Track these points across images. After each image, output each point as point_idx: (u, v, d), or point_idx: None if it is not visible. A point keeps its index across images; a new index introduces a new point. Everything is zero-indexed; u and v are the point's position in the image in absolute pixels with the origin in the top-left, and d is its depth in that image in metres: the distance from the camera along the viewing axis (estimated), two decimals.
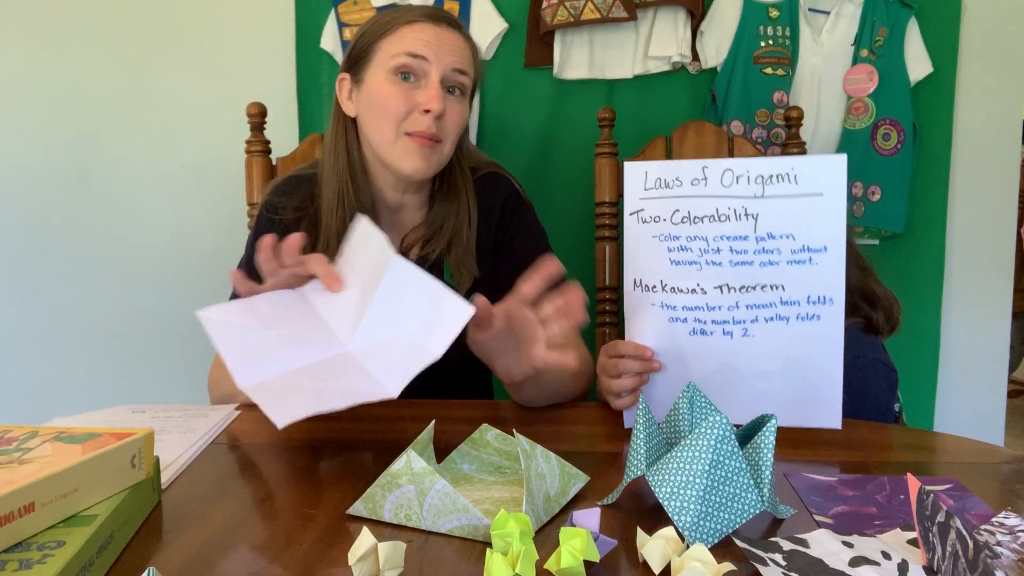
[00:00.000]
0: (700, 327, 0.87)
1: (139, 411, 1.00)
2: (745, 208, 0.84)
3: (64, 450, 0.63)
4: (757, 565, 0.57)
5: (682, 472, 0.64)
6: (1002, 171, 1.90)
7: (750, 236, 0.84)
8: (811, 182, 0.83)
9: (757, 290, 0.85)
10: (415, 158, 1.07)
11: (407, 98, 1.06)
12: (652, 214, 0.88)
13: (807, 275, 0.84)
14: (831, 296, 0.84)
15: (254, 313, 0.83)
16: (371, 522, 0.67)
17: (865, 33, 1.80)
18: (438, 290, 0.75)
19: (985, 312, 1.93)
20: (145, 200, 2.00)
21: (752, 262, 0.85)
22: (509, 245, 1.18)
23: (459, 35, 1.10)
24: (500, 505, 0.69)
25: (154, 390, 2.03)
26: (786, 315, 0.85)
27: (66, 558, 0.52)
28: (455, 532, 0.64)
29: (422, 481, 0.64)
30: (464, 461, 0.80)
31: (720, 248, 0.85)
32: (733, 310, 0.86)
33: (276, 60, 1.92)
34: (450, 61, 1.06)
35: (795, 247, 0.84)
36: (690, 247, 0.86)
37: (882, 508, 0.72)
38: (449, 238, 1.15)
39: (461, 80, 1.09)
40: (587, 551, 0.56)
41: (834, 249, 0.83)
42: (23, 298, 2.03)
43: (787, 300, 0.85)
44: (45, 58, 1.97)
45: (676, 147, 1.60)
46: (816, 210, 0.83)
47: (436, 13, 1.09)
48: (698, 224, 0.86)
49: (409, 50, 1.05)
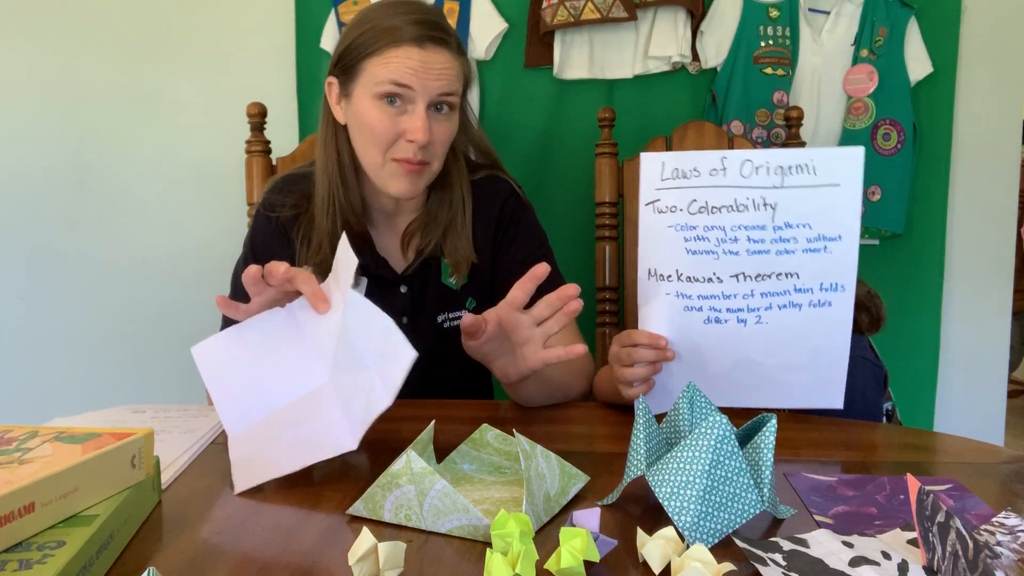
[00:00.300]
0: (715, 315, 0.90)
1: (139, 411, 1.00)
2: (764, 198, 0.86)
3: (64, 450, 0.63)
4: (757, 565, 0.57)
5: (682, 472, 0.64)
6: (1002, 171, 1.90)
7: (768, 225, 0.87)
8: (829, 173, 0.85)
9: (772, 278, 0.88)
10: (402, 181, 1.07)
11: (393, 124, 1.04)
12: (668, 204, 0.89)
13: (821, 263, 0.87)
14: (843, 283, 0.87)
15: (243, 344, 0.85)
16: (371, 522, 0.67)
17: (865, 33, 1.80)
18: (388, 329, 0.74)
19: (985, 312, 1.93)
20: (145, 200, 2.00)
21: (769, 251, 0.87)
22: (508, 247, 1.18)
23: (446, 52, 1.05)
24: (500, 505, 0.69)
25: (154, 390, 2.03)
26: (799, 302, 0.88)
27: (66, 558, 0.52)
28: (455, 532, 0.64)
29: (422, 481, 0.64)
30: (464, 461, 0.80)
31: (738, 237, 0.87)
32: (748, 298, 0.88)
33: (276, 60, 1.92)
34: (436, 87, 1.04)
35: (811, 236, 0.86)
36: (707, 236, 0.88)
37: (882, 508, 0.72)
38: (444, 227, 1.15)
39: (448, 100, 1.06)
40: (587, 551, 0.56)
41: (848, 238, 0.86)
42: (23, 298, 2.03)
43: (801, 288, 0.88)
44: (45, 59, 1.97)
45: (676, 147, 1.60)
46: (833, 200, 0.85)
47: (422, 33, 1.04)
48: (716, 214, 0.88)
49: (394, 78, 1.03)
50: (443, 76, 1.05)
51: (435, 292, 1.17)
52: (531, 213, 1.22)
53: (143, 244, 2.02)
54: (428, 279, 1.17)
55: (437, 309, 1.18)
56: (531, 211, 1.22)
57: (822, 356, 0.90)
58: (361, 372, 0.77)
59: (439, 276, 1.17)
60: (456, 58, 1.07)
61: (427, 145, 1.05)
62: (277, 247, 1.14)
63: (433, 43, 1.04)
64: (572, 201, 1.86)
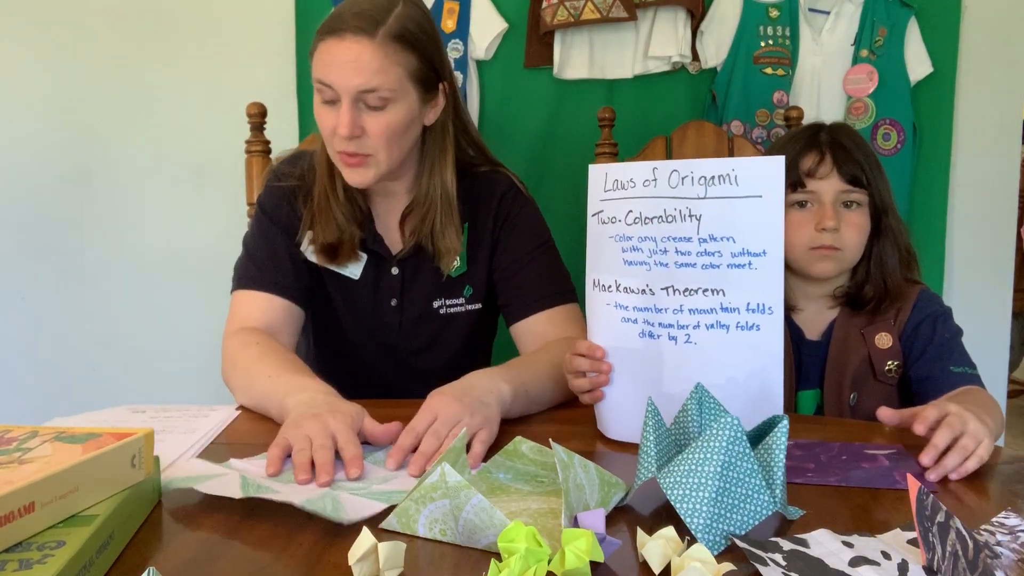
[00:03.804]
0: (649, 329, 0.87)
1: (139, 411, 1.00)
2: (689, 209, 0.84)
3: (64, 450, 0.63)
4: (757, 565, 0.57)
5: (694, 474, 0.63)
6: (1002, 171, 1.90)
7: (693, 237, 0.84)
8: (751, 184, 0.82)
9: (699, 294, 0.84)
10: (349, 173, 1.08)
11: (328, 120, 1.05)
12: (610, 215, 0.88)
13: (747, 280, 0.83)
14: (770, 305, 0.83)
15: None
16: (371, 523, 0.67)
17: (865, 33, 1.80)
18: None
19: (985, 312, 1.93)
20: (145, 200, 2.00)
21: (695, 264, 0.84)
22: (507, 240, 1.18)
23: (368, 43, 1.00)
24: (537, 517, 0.66)
25: (154, 390, 2.03)
26: (726, 323, 0.84)
27: (66, 558, 0.52)
28: (492, 549, 0.61)
29: (457, 495, 0.62)
30: (499, 470, 0.78)
31: (667, 249, 0.85)
32: (678, 314, 0.85)
33: (276, 60, 1.92)
34: (355, 84, 1.01)
35: (735, 250, 0.83)
36: (641, 247, 0.86)
37: (820, 465, 0.81)
38: (424, 214, 1.14)
39: (377, 96, 1.03)
40: (592, 552, 0.55)
41: (772, 253, 0.82)
42: (23, 298, 2.03)
43: (727, 306, 0.84)
44: (45, 58, 1.97)
45: (676, 147, 1.60)
46: (755, 212, 0.82)
47: (343, 24, 1.01)
48: (648, 224, 0.86)
49: (317, 76, 1.04)
50: (362, 71, 1.01)
51: (429, 277, 1.18)
52: (531, 207, 1.22)
53: (143, 244, 2.02)
54: (422, 264, 1.17)
55: (432, 294, 1.19)
56: (532, 205, 1.22)
57: (756, 391, 0.84)
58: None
59: (435, 262, 1.17)
60: (382, 48, 1.01)
61: (359, 139, 1.05)
62: (284, 213, 1.16)
63: (354, 33, 1.01)
64: (572, 201, 1.85)
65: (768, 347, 0.84)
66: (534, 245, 1.18)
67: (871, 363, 1.12)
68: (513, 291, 1.17)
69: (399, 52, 1.03)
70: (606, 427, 0.92)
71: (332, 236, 1.13)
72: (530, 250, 1.18)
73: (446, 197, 1.14)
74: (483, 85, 1.87)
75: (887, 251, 1.14)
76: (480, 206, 1.18)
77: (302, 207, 1.15)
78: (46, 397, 2.05)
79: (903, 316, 1.13)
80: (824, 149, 1.11)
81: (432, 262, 1.16)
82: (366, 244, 1.16)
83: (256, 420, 0.98)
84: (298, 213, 1.15)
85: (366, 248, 1.16)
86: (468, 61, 1.85)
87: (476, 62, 1.87)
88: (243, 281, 1.14)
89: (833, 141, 1.12)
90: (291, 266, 1.14)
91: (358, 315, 1.19)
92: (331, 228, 1.13)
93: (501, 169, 1.23)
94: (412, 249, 1.16)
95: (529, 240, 1.18)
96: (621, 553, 0.61)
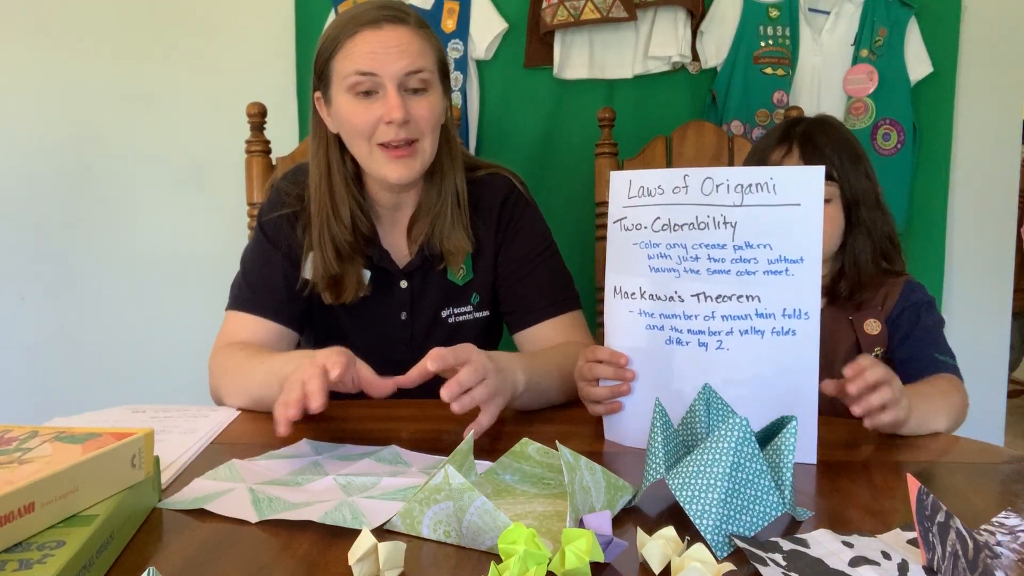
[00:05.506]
0: (676, 336, 0.86)
1: (139, 411, 1.00)
2: (724, 216, 0.84)
3: (64, 450, 0.63)
4: (757, 565, 0.57)
5: (703, 475, 0.63)
6: (1002, 171, 1.90)
7: (728, 244, 0.84)
8: (789, 192, 0.83)
9: (733, 300, 0.84)
10: (395, 167, 1.07)
11: (369, 112, 1.05)
12: (634, 222, 0.88)
13: (783, 286, 0.83)
14: (807, 310, 0.82)
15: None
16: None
17: (865, 33, 1.80)
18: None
19: (985, 312, 1.93)
20: (145, 200, 2.00)
21: (729, 271, 0.84)
22: (510, 245, 1.18)
23: (405, 28, 1.05)
24: (543, 520, 0.66)
25: (154, 390, 2.03)
26: (761, 328, 0.84)
27: (66, 558, 0.52)
28: (496, 551, 0.60)
29: (460, 497, 0.62)
30: (506, 472, 0.78)
31: (699, 256, 0.85)
32: (709, 320, 0.85)
33: (276, 60, 1.92)
34: (400, 67, 1.03)
35: (772, 257, 0.83)
36: (669, 254, 0.86)
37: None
38: (434, 215, 1.14)
39: (420, 78, 1.06)
40: (592, 552, 0.55)
41: (810, 260, 0.82)
42: (23, 298, 2.03)
43: (762, 312, 0.84)
44: (45, 58, 1.97)
45: (676, 147, 1.60)
46: (793, 220, 0.82)
47: (375, 14, 1.04)
48: (678, 231, 0.86)
49: (357, 68, 1.03)
50: (405, 54, 1.04)
51: (438, 287, 1.18)
52: (534, 210, 1.22)
53: (143, 244, 2.02)
54: (430, 274, 1.17)
55: (440, 304, 1.18)
56: (534, 208, 1.22)
57: (790, 398, 0.83)
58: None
59: (444, 272, 1.17)
60: (417, 33, 1.06)
61: (407, 123, 1.05)
62: (284, 237, 1.15)
63: (388, 22, 1.04)
64: (572, 201, 1.86)
65: (803, 351, 0.83)
66: (537, 251, 1.18)
67: (859, 349, 1.13)
68: (517, 299, 1.17)
69: (429, 38, 1.09)
70: (622, 435, 0.91)
71: (333, 269, 1.11)
72: (533, 256, 1.17)
73: (456, 197, 1.14)
74: (483, 85, 1.87)
75: (859, 244, 1.15)
76: (482, 212, 1.18)
77: (302, 234, 1.14)
78: (46, 397, 2.05)
79: (890, 304, 1.15)
80: (793, 142, 1.13)
81: (438, 270, 1.16)
82: (373, 262, 1.15)
83: (256, 420, 0.98)
84: (299, 239, 1.14)
85: (373, 266, 1.15)
86: (468, 61, 1.85)
87: (476, 62, 1.87)
88: (237, 303, 1.14)
89: (804, 135, 1.14)
90: (286, 291, 1.13)
91: (365, 332, 1.18)
92: (332, 259, 1.11)
93: (501, 171, 1.22)
94: (419, 259, 1.16)
95: (532, 246, 1.18)
96: (621, 553, 0.61)
